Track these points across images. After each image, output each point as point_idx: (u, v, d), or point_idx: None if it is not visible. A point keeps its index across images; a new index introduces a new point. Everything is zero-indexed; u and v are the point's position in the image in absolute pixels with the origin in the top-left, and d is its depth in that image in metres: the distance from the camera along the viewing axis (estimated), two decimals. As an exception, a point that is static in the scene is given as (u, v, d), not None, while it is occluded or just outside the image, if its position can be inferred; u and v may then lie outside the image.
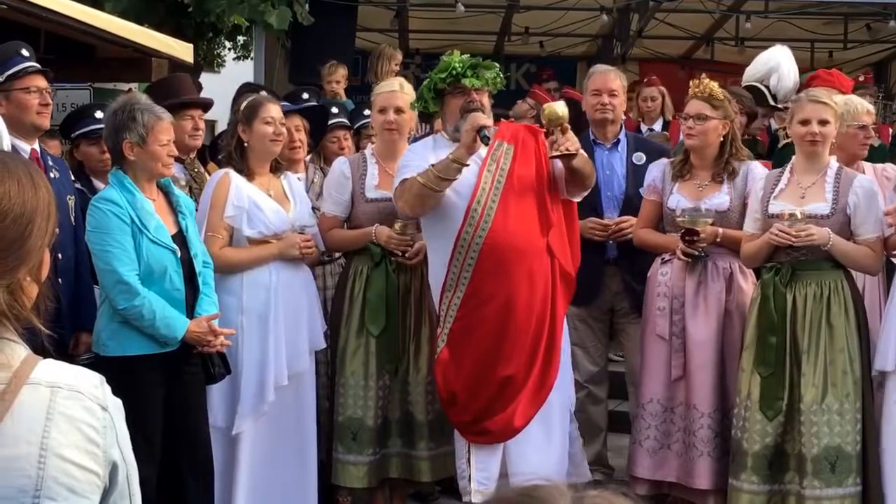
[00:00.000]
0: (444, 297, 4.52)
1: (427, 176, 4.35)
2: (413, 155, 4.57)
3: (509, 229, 4.45)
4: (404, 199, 4.44)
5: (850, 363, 4.47)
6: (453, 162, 4.34)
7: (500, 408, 4.49)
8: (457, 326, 4.50)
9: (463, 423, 4.57)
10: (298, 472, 4.68)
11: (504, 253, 4.43)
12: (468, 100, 4.51)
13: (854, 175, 4.61)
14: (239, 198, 4.55)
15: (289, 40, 10.21)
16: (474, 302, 4.47)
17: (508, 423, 4.50)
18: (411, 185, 4.38)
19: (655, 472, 4.84)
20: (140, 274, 4.04)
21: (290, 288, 4.62)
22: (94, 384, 1.65)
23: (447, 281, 4.49)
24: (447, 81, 4.52)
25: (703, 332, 4.76)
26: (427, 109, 4.64)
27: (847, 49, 12.66)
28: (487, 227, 4.44)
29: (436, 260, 4.57)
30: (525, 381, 4.50)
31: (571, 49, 13.05)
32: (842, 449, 4.44)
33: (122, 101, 4.23)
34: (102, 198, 4.11)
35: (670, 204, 4.90)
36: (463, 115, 4.48)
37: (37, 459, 1.56)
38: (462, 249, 4.45)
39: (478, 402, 4.50)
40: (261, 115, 4.63)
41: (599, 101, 5.47)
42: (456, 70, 4.49)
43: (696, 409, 4.76)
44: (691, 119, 4.84)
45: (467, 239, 4.44)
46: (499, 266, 4.44)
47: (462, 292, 4.47)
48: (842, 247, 4.49)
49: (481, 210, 4.45)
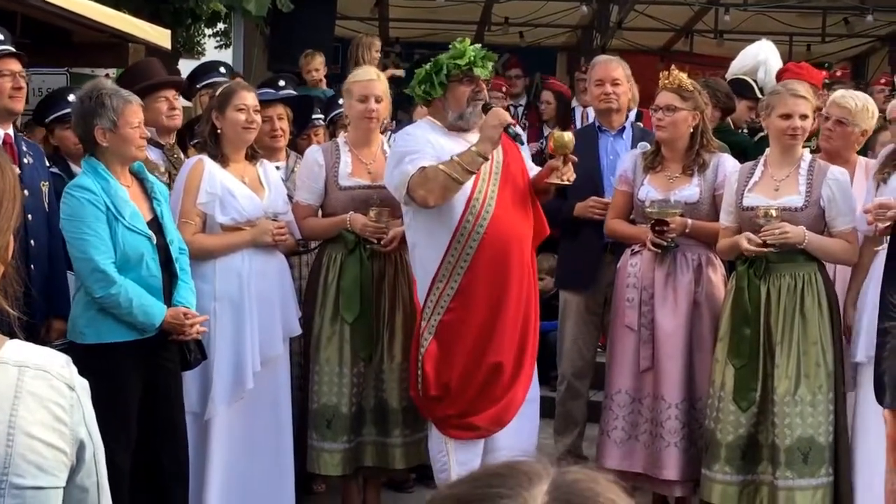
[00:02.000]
0: (433, 289, 4.49)
1: (453, 167, 4.31)
2: (415, 141, 4.50)
3: (508, 219, 4.48)
4: (427, 189, 4.34)
5: (823, 355, 4.50)
6: (478, 155, 4.32)
7: (488, 402, 4.49)
8: (448, 318, 4.48)
9: (448, 417, 4.54)
10: (274, 458, 4.68)
11: (502, 242, 4.45)
12: (476, 89, 4.52)
13: (827, 167, 4.62)
14: (212, 184, 4.53)
15: (268, 28, 10.17)
16: (469, 292, 4.46)
17: (496, 418, 4.50)
18: (435, 175, 4.32)
19: (622, 462, 4.84)
20: (116, 261, 4.02)
21: (264, 274, 4.61)
22: (61, 364, 1.66)
23: (440, 271, 4.47)
24: (462, 68, 4.50)
25: (671, 323, 4.77)
26: (429, 95, 4.58)
27: (825, 42, 12.73)
28: (488, 216, 4.45)
29: (428, 251, 4.52)
30: (515, 372, 4.51)
31: (551, 39, 13.08)
32: (814, 440, 4.47)
33: (88, 87, 4.19)
34: (76, 185, 4.08)
35: (640, 195, 4.91)
36: (469, 103, 4.50)
37: (5, 437, 1.57)
38: (461, 239, 4.44)
39: (468, 394, 4.49)
40: (233, 103, 4.60)
41: (602, 90, 5.53)
42: (471, 58, 4.49)
43: (664, 399, 4.77)
44: (661, 110, 4.85)
45: (468, 228, 4.43)
46: (496, 255, 4.44)
47: (457, 283, 4.46)
48: (817, 242, 4.51)
49: (482, 199, 4.45)
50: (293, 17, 9.08)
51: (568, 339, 5.65)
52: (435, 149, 4.43)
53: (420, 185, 4.35)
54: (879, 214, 4.32)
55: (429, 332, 4.52)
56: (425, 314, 4.54)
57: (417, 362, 4.55)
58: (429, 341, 4.52)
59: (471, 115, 4.52)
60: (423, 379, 4.53)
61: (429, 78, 4.55)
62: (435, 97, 4.58)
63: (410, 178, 4.36)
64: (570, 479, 1.04)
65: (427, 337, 4.53)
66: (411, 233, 4.61)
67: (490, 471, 1.06)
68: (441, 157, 4.38)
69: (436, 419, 4.59)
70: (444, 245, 4.46)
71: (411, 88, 4.68)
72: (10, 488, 1.57)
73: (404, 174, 4.39)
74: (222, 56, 9.24)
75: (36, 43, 5.89)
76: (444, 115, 4.58)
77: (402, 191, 4.42)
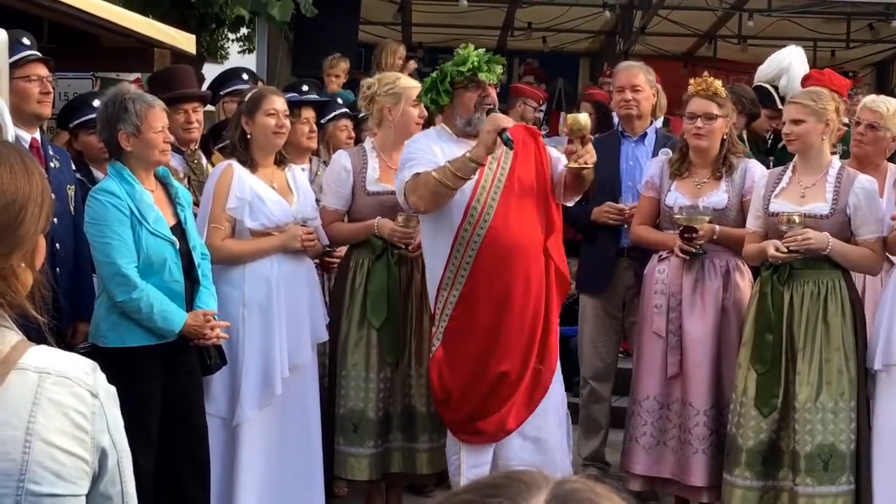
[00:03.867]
0: (439, 296, 4.50)
1: (444, 173, 4.29)
2: (417, 147, 4.51)
3: (509, 228, 4.44)
4: (418, 195, 4.36)
5: (846, 362, 4.49)
6: (471, 161, 4.28)
7: (493, 408, 4.48)
8: (452, 325, 4.49)
9: (455, 422, 4.56)
10: (305, 463, 4.68)
11: (502, 251, 4.42)
12: (483, 94, 4.50)
13: (855, 175, 4.60)
14: (241, 189, 4.55)
15: (292, 32, 10.22)
16: (471, 300, 4.45)
17: (501, 424, 4.49)
18: (426, 181, 4.31)
19: (650, 468, 4.85)
20: (139, 266, 4.05)
21: (292, 280, 4.62)
22: (85, 371, 1.65)
23: (444, 279, 4.47)
24: (466, 74, 4.48)
25: (699, 330, 4.77)
26: (437, 103, 4.57)
27: (850, 48, 12.66)
28: (487, 224, 4.42)
29: (434, 258, 4.54)
30: (519, 381, 4.49)
31: (574, 45, 13.07)
32: (835, 447, 4.45)
33: (112, 93, 4.23)
34: (101, 189, 4.12)
35: (668, 201, 4.91)
36: (477, 109, 4.47)
37: (22, 443, 1.57)
38: (461, 246, 4.43)
39: (472, 401, 4.49)
40: (264, 108, 4.61)
41: (623, 97, 5.54)
42: (474, 63, 4.47)
43: (692, 406, 4.77)
44: (699, 118, 4.82)
45: (465, 236, 4.43)
46: (497, 264, 4.42)
47: (458, 291, 4.46)
48: (841, 250, 4.49)
49: (481, 207, 4.43)
50: (317, 23, 9.11)
51: (587, 343, 5.66)
52: (440, 155, 4.41)
53: (412, 190, 4.36)
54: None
55: (437, 339, 4.53)
56: (435, 320, 4.55)
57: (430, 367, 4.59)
58: (436, 347, 4.53)
59: (478, 120, 4.47)
60: (430, 383, 4.57)
61: (434, 86, 4.53)
62: (443, 104, 4.57)
63: (406, 184, 4.38)
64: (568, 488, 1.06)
65: (435, 343, 4.54)
66: (423, 240, 4.64)
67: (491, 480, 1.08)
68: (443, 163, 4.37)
69: (447, 423, 4.62)
70: (446, 252, 4.46)
71: (419, 97, 4.69)
72: (26, 495, 1.57)
73: (401, 180, 4.42)
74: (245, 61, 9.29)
75: (62, 48, 5.94)
76: (454, 123, 4.58)
77: (401, 198, 4.45)
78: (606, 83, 8.27)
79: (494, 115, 4.37)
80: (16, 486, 1.57)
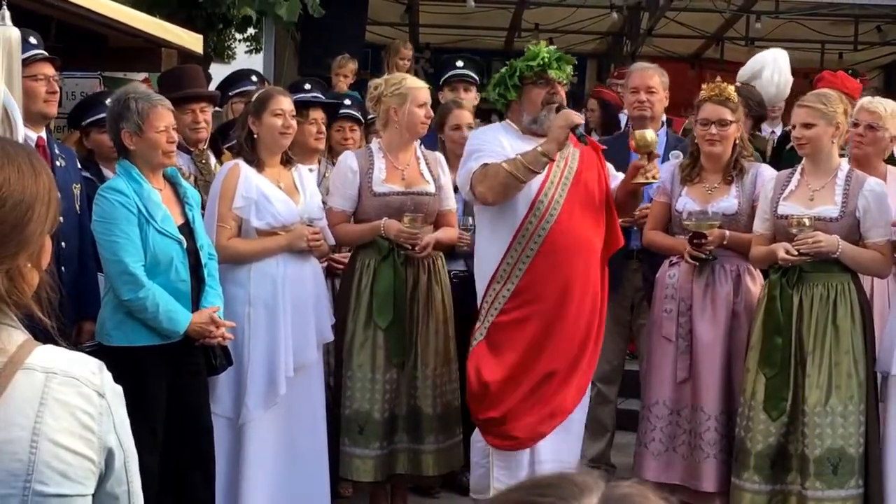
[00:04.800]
0: (490, 289, 4.48)
1: (515, 165, 4.29)
2: (485, 139, 4.50)
3: (573, 226, 4.44)
4: (487, 185, 4.34)
5: (855, 365, 4.47)
6: (542, 155, 4.29)
7: (529, 409, 4.44)
8: (502, 319, 4.46)
9: (490, 420, 4.50)
10: (311, 464, 4.68)
11: (565, 247, 4.42)
12: (551, 91, 4.49)
13: (864, 178, 4.59)
14: (248, 189, 4.54)
15: (299, 33, 10.21)
16: (527, 295, 4.43)
17: (533, 429, 4.47)
18: (497, 172, 4.31)
19: (661, 474, 4.82)
20: (146, 264, 4.04)
21: (298, 280, 4.61)
22: (92, 370, 1.65)
23: (498, 272, 4.45)
24: (535, 70, 4.47)
25: (710, 335, 4.75)
26: (504, 98, 4.56)
27: (857, 51, 12.62)
28: (553, 219, 4.43)
29: (489, 250, 4.52)
30: (564, 383, 4.47)
31: (581, 46, 13.03)
32: (844, 451, 4.44)
33: (119, 92, 4.25)
34: (109, 187, 4.12)
35: (678, 207, 4.89)
36: (544, 106, 4.47)
37: (28, 444, 1.57)
38: (522, 240, 4.42)
39: (510, 399, 4.45)
40: (270, 108, 4.61)
41: (637, 98, 5.51)
42: (544, 60, 4.46)
43: (703, 411, 4.75)
44: (713, 125, 4.80)
45: (530, 229, 4.42)
46: (558, 260, 4.42)
47: (514, 284, 4.44)
48: (850, 253, 4.48)
49: (548, 202, 4.43)
50: (324, 23, 9.10)
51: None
52: (508, 149, 4.40)
53: (480, 181, 4.35)
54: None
55: (480, 333, 4.51)
56: (481, 315, 4.52)
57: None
58: (478, 341, 4.50)
59: (545, 118, 4.48)
60: (467, 380, 4.54)
61: (503, 81, 4.53)
62: (511, 100, 4.56)
63: (473, 174, 4.36)
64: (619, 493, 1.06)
65: (478, 337, 4.51)
66: (477, 233, 4.63)
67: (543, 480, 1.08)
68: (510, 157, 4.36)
69: (478, 422, 4.57)
70: (505, 245, 4.44)
71: (488, 92, 4.67)
72: (33, 495, 1.56)
73: (468, 170, 4.40)
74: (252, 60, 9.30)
75: (70, 47, 5.94)
76: (520, 119, 4.57)
77: (466, 188, 4.44)
78: (615, 84, 8.25)
79: (567, 111, 4.41)
80: (23, 486, 1.56)
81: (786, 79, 7.11)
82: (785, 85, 7.14)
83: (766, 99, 7.07)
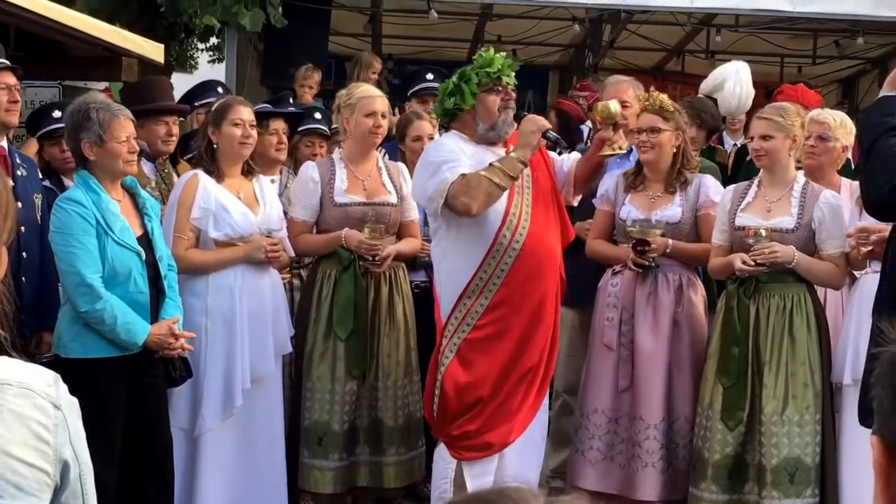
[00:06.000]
0: (459, 305, 4.38)
1: (495, 173, 4.23)
2: (448, 149, 4.41)
3: (543, 234, 4.43)
4: (470, 196, 4.24)
5: (812, 375, 4.52)
6: (519, 161, 4.27)
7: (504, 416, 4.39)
8: (475, 335, 4.37)
9: (464, 434, 4.42)
10: (268, 475, 4.66)
11: (538, 258, 4.40)
12: (506, 98, 4.46)
13: (820, 190, 4.65)
14: (206, 199, 4.52)
15: (261, 43, 10.19)
16: (502, 310, 4.37)
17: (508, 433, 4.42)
18: (479, 182, 4.23)
19: (598, 483, 4.80)
20: (104, 276, 4.01)
21: (256, 291, 4.59)
22: (48, 382, 1.63)
23: (469, 287, 4.36)
24: (493, 77, 4.43)
25: (651, 344, 4.77)
26: (459, 107, 4.46)
27: (816, 64, 12.78)
28: (525, 231, 4.39)
29: (458, 266, 4.41)
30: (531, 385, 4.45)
31: (544, 58, 13.11)
32: (801, 460, 4.48)
33: (78, 101, 4.20)
34: (67, 198, 4.08)
35: (622, 215, 4.92)
36: (501, 112, 4.43)
37: None
38: (497, 254, 4.35)
39: (487, 411, 4.39)
40: (230, 118, 4.59)
41: None
42: (500, 67, 4.44)
43: (643, 420, 4.74)
44: (644, 132, 4.86)
45: (504, 243, 4.35)
46: (532, 272, 4.38)
47: (487, 299, 4.37)
48: (806, 264, 4.54)
49: (519, 213, 4.39)
50: (287, 33, 9.09)
51: (562, 355, 5.61)
52: (471, 158, 4.36)
53: (462, 192, 4.25)
54: (861, 239, 4.34)
55: (450, 351, 4.41)
56: (447, 332, 4.42)
57: (436, 382, 4.44)
58: (449, 360, 4.41)
59: (503, 123, 4.45)
60: (440, 398, 4.42)
61: (458, 89, 4.45)
62: (465, 108, 4.47)
63: (451, 185, 4.27)
64: None
65: (448, 355, 4.41)
66: (440, 247, 4.50)
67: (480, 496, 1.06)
68: (476, 167, 4.31)
69: (449, 438, 4.48)
70: (478, 260, 4.36)
71: (439, 103, 4.60)
72: None
73: (444, 182, 4.28)
74: (215, 70, 9.25)
75: (29, 56, 5.89)
76: (474, 127, 4.48)
77: (439, 201, 4.29)
78: (577, 96, 8.29)
79: (533, 117, 4.44)
80: None
81: (747, 91, 7.20)
82: (747, 97, 7.22)
83: (728, 111, 7.16)
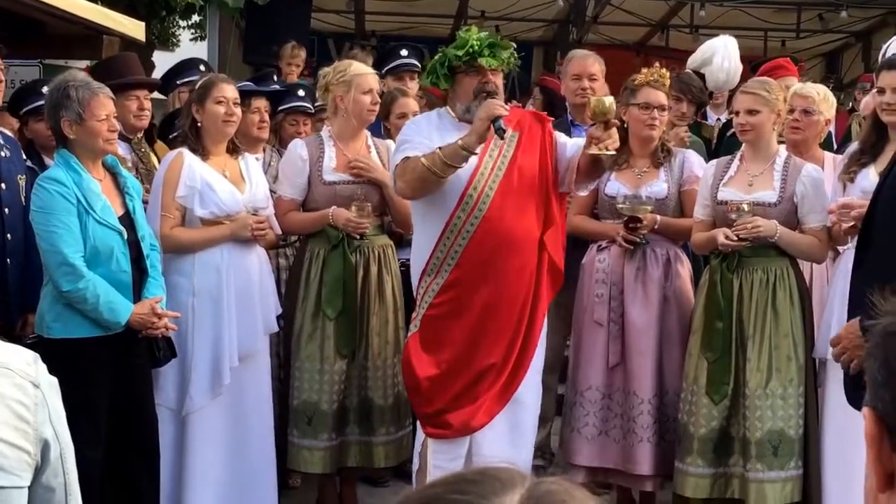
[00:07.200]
0: (422, 282, 4.37)
1: (433, 160, 4.14)
2: (415, 130, 4.37)
3: (504, 219, 4.29)
4: (405, 180, 4.22)
5: (795, 349, 4.54)
6: (462, 149, 4.13)
7: (467, 401, 4.35)
8: (432, 313, 4.35)
9: (424, 414, 4.42)
10: (258, 454, 4.65)
11: (494, 242, 4.28)
12: (483, 80, 4.30)
13: (802, 164, 4.66)
14: (191, 178, 4.50)
15: (243, 20, 10.14)
16: (456, 290, 4.32)
17: (471, 418, 4.34)
18: (415, 167, 4.17)
19: (595, 458, 4.83)
20: (86, 255, 3.99)
21: (243, 269, 4.58)
22: (27, 361, 1.63)
23: (428, 265, 4.34)
24: (463, 60, 4.31)
25: (642, 319, 4.78)
26: (437, 86, 4.43)
27: (800, 38, 12.80)
28: (482, 214, 4.28)
29: (421, 242, 4.41)
30: (500, 374, 4.36)
31: (527, 34, 13.09)
32: (784, 433, 4.51)
33: (58, 79, 4.17)
34: (48, 177, 4.05)
35: (609, 191, 4.90)
36: (477, 96, 4.29)
37: None
38: (451, 234, 4.29)
39: (445, 394, 4.34)
40: (213, 95, 4.56)
41: (580, 85, 5.50)
42: (473, 48, 4.28)
43: (636, 395, 4.76)
44: (655, 109, 4.82)
45: (458, 224, 4.28)
46: (487, 256, 4.29)
47: (443, 279, 4.32)
48: (788, 238, 4.55)
49: (477, 196, 4.28)
50: (269, 10, 9.05)
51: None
52: (437, 140, 4.25)
53: (399, 175, 4.25)
54: (843, 214, 4.35)
55: (415, 325, 4.41)
56: (416, 307, 4.42)
57: None
58: (412, 333, 4.41)
59: (476, 107, 4.26)
60: (403, 369, 4.44)
61: (434, 70, 4.38)
62: (443, 88, 4.42)
63: (395, 167, 4.27)
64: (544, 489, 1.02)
65: (412, 329, 4.42)
66: (413, 223, 4.52)
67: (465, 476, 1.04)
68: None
69: (419, 414, 4.48)
70: (435, 239, 4.32)
71: (423, 80, 4.56)
72: None
73: (393, 163, 4.31)
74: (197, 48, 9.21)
75: (8, 34, 5.85)
76: (456, 107, 4.42)
77: (391, 181, 4.35)
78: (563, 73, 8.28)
79: (489, 102, 4.18)
80: None
81: (736, 65, 7.20)
82: (735, 72, 7.22)
83: (716, 85, 7.15)
